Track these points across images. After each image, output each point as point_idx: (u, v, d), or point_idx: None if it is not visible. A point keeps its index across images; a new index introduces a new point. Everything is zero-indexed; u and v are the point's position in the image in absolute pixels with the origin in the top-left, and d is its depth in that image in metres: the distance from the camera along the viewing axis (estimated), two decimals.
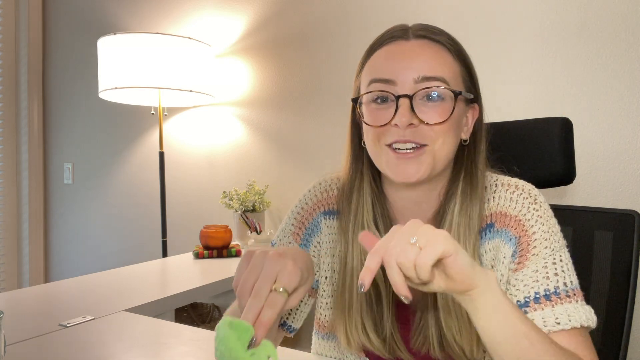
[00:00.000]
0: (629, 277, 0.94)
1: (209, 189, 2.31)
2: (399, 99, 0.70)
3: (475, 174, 0.76)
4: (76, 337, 0.97)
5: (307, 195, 0.88)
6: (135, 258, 2.48)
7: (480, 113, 0.79)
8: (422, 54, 0.72)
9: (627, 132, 1.49)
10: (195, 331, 1.00)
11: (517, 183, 0.77)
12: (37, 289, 1.37)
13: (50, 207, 2.88)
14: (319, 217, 0.86)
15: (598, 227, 1.00)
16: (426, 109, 0.71)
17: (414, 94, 0.70)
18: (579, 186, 1.55)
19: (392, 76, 0.72)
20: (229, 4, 2.24)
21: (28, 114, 2.80)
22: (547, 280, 0.70)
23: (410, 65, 0.71)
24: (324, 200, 0.86)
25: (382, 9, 1.88)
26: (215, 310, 1.90)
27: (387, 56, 0.74)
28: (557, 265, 0.71)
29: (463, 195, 0.75)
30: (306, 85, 2.06)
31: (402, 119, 0.69)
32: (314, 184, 0.89)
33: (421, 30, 0.75)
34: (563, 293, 0.69)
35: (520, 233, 0.73)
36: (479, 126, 0.79)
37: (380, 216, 0.80)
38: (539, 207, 0.74)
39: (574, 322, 0.67)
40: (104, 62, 2.00)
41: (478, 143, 0.78)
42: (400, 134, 0.71)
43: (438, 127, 0.71)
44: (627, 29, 1.48)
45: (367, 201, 0.79)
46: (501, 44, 1.65)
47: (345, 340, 0.78)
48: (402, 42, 0.74)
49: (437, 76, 0.71)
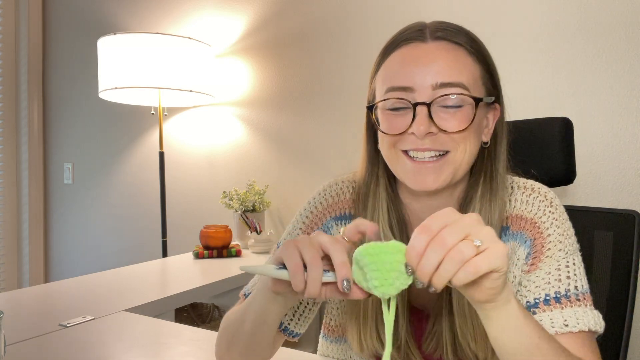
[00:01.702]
0: (629, 277, 0.94)
1: (209, 189, 2.31)
2: (417, 106, 0.67)
3: (495, 178, 0.74)
4: (76, 337, 0.97)
5: (317, 198, 0.83)
6: (135, 258, 2.48)
7: (502, 113, 0.76)
8: (440, 58, 0.68)
9: (628, 132, 1.49)
10: (195, 331, 1.00)
11: (533, 186, 0.76)
12: (37, 289, 1.37)
13: (50, 207, 2.87)
14: (330, 222, 0.82)
15: (598, 227, 1.00)
16: (446, 115, 0.68)
17: (432, 101, 0.67)
18: (579, 186, 1.55)
19: (409, 83, 0.68)
20: (229, 4, 2.24)
21: (28, 114, 2.79)
22: (559, 282, 0.69)
23: (428, 71, 0.68)
24: (335, 205, 0.82)
25: (382, 9, 1.88)
26: (215, 310, 1.90)
27: (404, 61, 0.70)
28: (569, 268, 0.70)
29: (482, 201, 0.73)
30: (306, 85, 2.06)
31: (419, 127, 0.66)
32: (324, 186, 0.85)
33: (439, 30, 0.71)
34: (573, 296, 0.68)
35: (535, 235, 0.72)
36: (500, 127, 0.76)
37: (396, 221, 0.77)
38: (555, 210, 0.73)
39: (582, 325, 0.66)
40: (104, 62, 2.00)
41: (498, 145, 0.75)
42: (419, 143, 0.68)
43: (458, 135, 0.68)
44: (627, 29, 1.48)
45: (383, 206, 0.76)
46: (501, 44, 1.65)
47: (358, 346, 0.76)
48: (419, 45, 0.70)
49: (456, 82, 0.67)
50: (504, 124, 0.76)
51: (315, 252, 0.54)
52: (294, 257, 0.54)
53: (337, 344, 0.86)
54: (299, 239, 0.56)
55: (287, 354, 0.88)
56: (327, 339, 0.88)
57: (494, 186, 0.73)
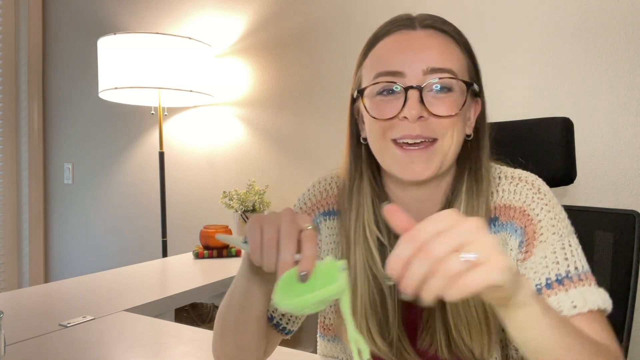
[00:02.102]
0: (629, 277, 0.94)
1: (209, 189, 2.31)
2: (408, 90, 0.67)
3: (479, 170, 0.74)
4: (76, 337, 0.97)
5: (306, 194, 0.86)
6: (135, 258, 2.47)
7: (483, 107, 0.77)
8: (431, 44, 0.70)
9: (628, 132, 1.49)
10: (195, 331, 1.00)
11: (520, 175, 0.76)
12: (37, 289, 1.37)
13: (50, 207, 2.87)
14: (318, 218, 0.84)
15: (598, 227, 1.00)
16: (436, 101, 0.68)
17: (424, 85, 0.67)
18: (579, 186, 1.54)
19: (400, 67, 0.69)
20: (229, 4, 2.24)
21: (28, 114, 2.79)
22: (557, 265, 0.67)
23: (419, 56, 0.69)
24: (323, 201, 0.84)
25: (382, 9, 1.88)
26: (215, 310, 1.90)
27: (394, 46, 0.71)
28: (566, 250, 0.69)
29: (468, 192, 0.73)
30: (306, 85, 2.06)
31: (411, 111, 0.66)
32: (312, 182, 0.87)
33: (427, 19, 0.73)
34: (575, 277, 0.66)
35: (525, 223, 0.71)
36: (481, 121, 0.77)
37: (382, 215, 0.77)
38: (544, 196, 0.73)
39: (591, 304, 0.64)
40: (104, 62, 2.00)
41: (481, 138, 0.76)
42: (410, 128, 0.68)
43: (447, 121, 0.68)
44: (627, 29, 1.48)
45: (368, 201, 0.76)
46: (501, 43, 1.65)
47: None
48: (409, 32, 0.72)
49: (446, 68, 0.68)
50: (485, 116, 0.77)
51: (273, 234, 0.56)
52: (254, 235, 0.58)
53: (334, 342, 0.86)
54: (265, 217, 0.58)
55: (288, 354, 0.87)
56: (324, 338, 0.88)
57: (478, 177, 0.74)
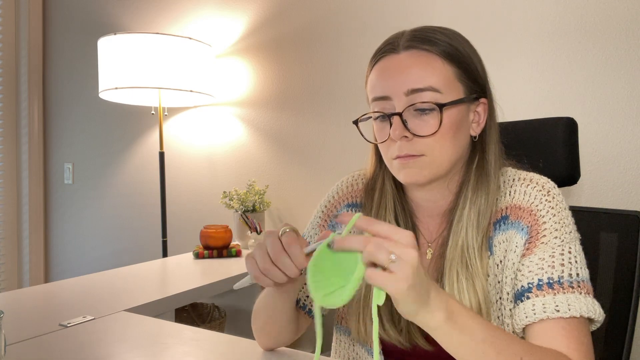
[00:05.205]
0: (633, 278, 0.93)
1: (209, 189, 2.31)
2: (391, 117, 0.74)
3: (486, 168, 0.79)
4: (76, 337, 0.97)
5: (335, 189, 0.94)
6: (135, 258, 2.47)
7: (490, 107, 0.80)
8: (410, 66, 0.74)
9: (632, 132, 1.48)
10: (195, 331, 0.99)
11: (532, 177, 0.79)
12: (37, 289, 1.37)
13: (50, 207, 2.87)
14: (343, 209, 0.91)
15: (602, 228, 0.99)
16: (418, 121, 0.74)
17: (404, 109, 0.74)
18: (583, 187, 1.54)
19: (386, 92, 0.75)
20: (229, 4, 2.23)
21: (28, 114, 2.79)
22: (552, 269, 0.70)
23: (400, 80, 0.74)
24: (349, 194, 0.91)
25: (382, 10, 1.87)
26: (215, 310, 1.90)
27: (380, 74, 0.77)
28: (564, 256, 0.71)
29: (473, 190, 0.78)
30: (306, 85, 2.05)
31: (395, 132, 0.74)
32: (342, 179, 0.95)
33: (410, 40, 0.76)
34: (567, 283, 0.69)
35: (531, 222, 0.74)
36: (489, 119, 0.80)
37: (401, 211, 0.85)
38: (552, 199, 0.75)
39: (574, 311, 0.67)
40: (104, 62, 2.00)
41: (487, 137, 0.80)
42: (399, 149, 0.75)
43: (430, 139, 0.74)
44: (630, 29, 1.47)
45: (389, 199, 0.84)
46: (505, 44, 1.65)
47: (356, 331, 0.80)
48: (392, 57, 0.77)
49: (425, 86, 0.73)
50: (493, 115, 0.81)
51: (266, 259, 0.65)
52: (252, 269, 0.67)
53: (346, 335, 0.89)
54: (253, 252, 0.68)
55: (287, 354, 0.87)
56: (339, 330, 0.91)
57: (484, 176, 0.78)
